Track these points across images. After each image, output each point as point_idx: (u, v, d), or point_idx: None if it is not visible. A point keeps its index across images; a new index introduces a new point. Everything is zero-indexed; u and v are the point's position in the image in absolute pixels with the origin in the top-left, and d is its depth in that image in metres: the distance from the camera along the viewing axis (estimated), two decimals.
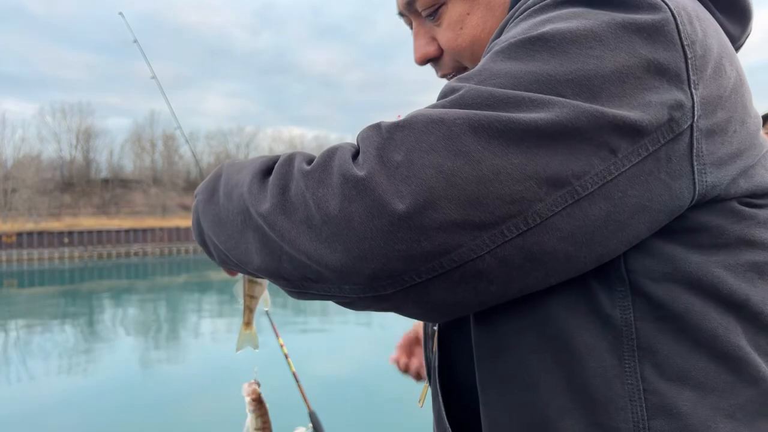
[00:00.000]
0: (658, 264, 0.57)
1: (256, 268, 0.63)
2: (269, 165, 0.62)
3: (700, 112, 0.55)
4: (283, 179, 0.58)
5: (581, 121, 0.51)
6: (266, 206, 0.58)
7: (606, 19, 0.55)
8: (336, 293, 0.57)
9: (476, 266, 0.52)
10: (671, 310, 0.57)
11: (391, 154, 0.52)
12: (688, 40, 0.55)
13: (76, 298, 23.47)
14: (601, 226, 0.53)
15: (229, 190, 0.66)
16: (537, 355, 0.59)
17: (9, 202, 49.09)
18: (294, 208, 0.55)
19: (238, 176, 0.65)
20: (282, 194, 0.57)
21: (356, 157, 0.55)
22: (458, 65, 0.83)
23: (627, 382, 0.56)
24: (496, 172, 0.50)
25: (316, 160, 0.57)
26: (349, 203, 0.51)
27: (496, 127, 0.51)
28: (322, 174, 0.55)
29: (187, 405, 9.22)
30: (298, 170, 0.57)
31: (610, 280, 0.57)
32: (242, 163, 0.68)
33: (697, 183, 0.55)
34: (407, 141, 0.52)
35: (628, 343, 0.56)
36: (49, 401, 9.45)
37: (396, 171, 0.51)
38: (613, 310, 0.57)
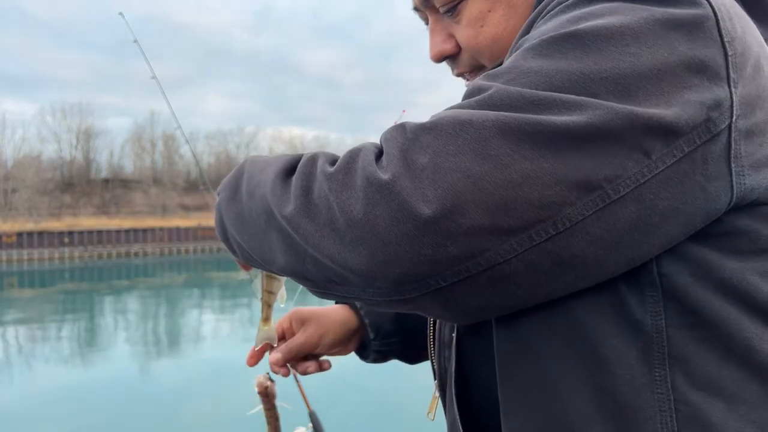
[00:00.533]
0: (691, 269, 0.55)
1: (280, 268, 0.62)
2: (292, 164, 0.61)
3: (739, 112, 0.53)
4: (305, 180, 0.57)
5: (615, 124, 0.49)
6: (290, 208, 0.57)
7: (644, 14, 0.53)
8: (360, 295, 0.56)
9: (503, 270, 0.51)
10: (704, 317, 0.55)
11: (416, 156, 0.51)
12: (728, 37, 0.53)
13: (77, 298, 23.48)
14: (631, 230, 0.51)
15: (252, 189, 0.65)
16: (563, 361, 0.57)
17: (9, 202, 49.12)
18: (318, 210, 0.54)
19: (261, 175, 0.64)
20: (305, 196, 0.56)
21: (380, 158, 0.54)
22: (476, 63, 0.81)
23: (657, 392, 0.54)
24: (526, 176, 0.49)
25: (339, 162, 0.56)
26: (373, 207, 0.51)
27: (526, 130, 0.49)
28: (345, 176, 0.54)
29: (187, 404, 9.22)
30: (321, 172, 0.56)
31: (641, 285, 0.55)
32: (265, 161, 0.67)
33: (735, 186, 0.53)
34: (433, 143, 0.51)
35: (659, 351, 0.54)
36: (49, 401, 9.45)
37: (421, 174, 0.50)
38: (644, 315, 0.55)
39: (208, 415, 8.62)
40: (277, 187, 0.60)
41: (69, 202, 55.43)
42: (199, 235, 44.03)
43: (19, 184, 50.47)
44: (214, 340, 14.58)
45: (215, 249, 42.62)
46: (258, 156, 0.73)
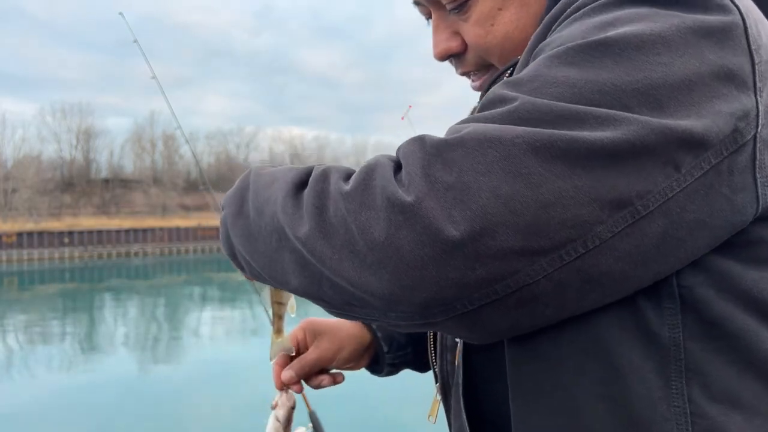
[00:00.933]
0: (713, 280, 0.54)
1: (293, 288, 0.60)
2: (302, 179, 0.59)
3: (764, 121, 0.52)
4: (319, 198, 0.54)
5: (650, 139, 0.48)
6: (304, 229, 0.54)
7: (675, 21, 0.52)
8: (381, 318, 0.55)
9: (532, 291, 0.49)
10: (724, 329, 0.54)
11: (440, 174, 0.48)
12: (755, 45, 0.52)
13: (77, 298, 23.48)
14: (659, 245, 0.50)
15: (260, 206, 0.62)
16: (578, 372, 0.56)
17: (9, 202, 49.11)
18: (334, 231, 0.52)
19: (269, 191, 0.62)
20: (319, 216, 0.53)
21: (398, 173, 0.51)
22: (483, 62, 0.78)
23: (673, 405, 0.53)
24: (558, 196, 0.47)
25: (355, 179, 0.53)
26: (396, 230, 0.48)
27: (560, 147, 0.48)
28: (363, 195, 0.51)
29: (186, 404, 9.22)
30: (335, 189, 0.54)
31: (659, 297, 0.54)
32: (271, 175, 0.64)
33: (760, 196, 0.53)
34: (460, 161, 0.48)
35: (676, 364, 0.53)
36: (49, 400, 9.45)
37: (447, 194, 0.47)
38: (662, 328, 0.54)
39: (208, 415, 8.62)
40: (289, 206, 0.57)
41: (69, 202, 55.42)
42: (199, 235, 44.04)
43: (19, 184, 50.48)
44: (214, 341, 14.57)
45: (215, 249, 42.59)
46: (263, 167, 0.69)
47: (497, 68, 0.77)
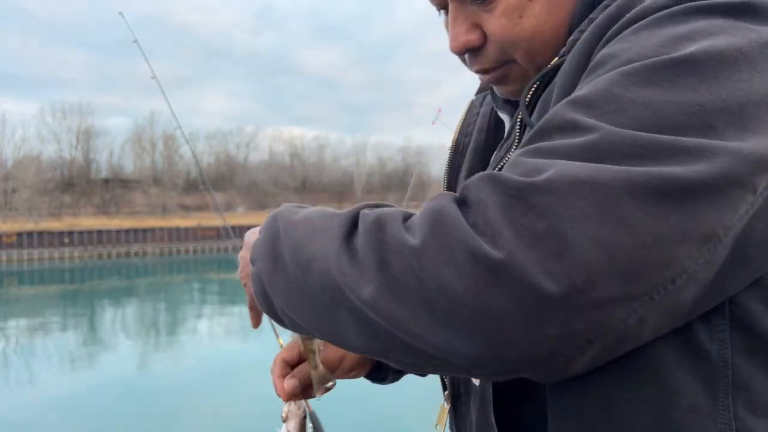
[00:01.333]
0: (762, 294, 0.53)
1: (352, 347, 0.57)
2: (349, 227, 0.55)
3: None
4: (379, 251, 0.51)
5: (740, 170, 0.47)
6: (368, 290, 0.50)
7: (753, 36, 0.51)
8: (459, 373, 0.52)
9: (619, 333, 0.48)
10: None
11: (530, 223, 0.45)
12: None
13: (77, 298, 23.48)
14: (730, 266, 0.50)
15: (305, 262, 0.57)
16: (624, 389, 0.54)
17: (9, 202, 49.08)
18: (405, 290, 0.48)
19: (313, 245, 0.57)
20: (384, 272, 0.50)
21: (468, 215, 0.48)
22: (505, 58, 0.74)
23: (720, 421, 0.52)
24: (655, 237, 0.45)
25: (423, 229, 0.49)
26: (486, 287, 0.45)
27: (655, 187, 0.45)
28: (439, 250, 0.48)
29: (187, 404, 9.21)
30: (399, 241, 0.50)
31: (710, 314, 0.53)
32: (308, 222, 0.60)
33: None
34: (552, 207, 0.45)
35: (724, 381, 0.52)
36: (49, 400, 9.44)
37: (541, 245, 0.45)
38: (711, 345, 0.53)
39: (208, 415, 8.61)
40: (345, 263, 0.53)
41: (69, 202, 55.41)
42: (199, 235, 43.98)
43: (19, 184, 50.44)
44: (214, 340, 14.57)
45: (215, 249, 42.61)
46: (290, 211, 0.65)
47: (517, 64, 0.74)
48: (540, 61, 0.73)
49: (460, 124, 0.98)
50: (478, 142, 0.92)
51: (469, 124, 0.96)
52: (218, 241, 42.10)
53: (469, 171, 0.91)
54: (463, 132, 0.96)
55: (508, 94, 0.81)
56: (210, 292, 24.28)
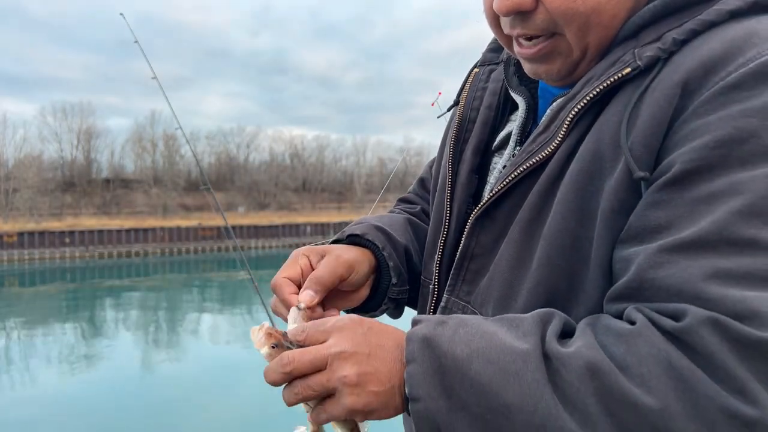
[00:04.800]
0: None
1: None
2: (543, 369, 0.56)
3: None
4: (607, 408, 0.52)
5: None
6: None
7: None
8: None
9: None
10: None
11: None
12: None
13: (78, 297, 23.47)
14: None
15: (499, 409, 0.56)
16: None
17: (10, 202, 49.06)
18: None
19: (508, 393, 0.56)
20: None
21: (707, 369, 0.49)
22: (551, 29, 0.72)
23: None
24: None
25: (658, 384, 0.50)
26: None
27: None
28: (685, 411, 0.49)
29: (187, 404, 9.21)
30: (632, 401, 0.50)
31: None
32: (488, 361, 0.58)
33: None
34: None
35: None
36: (50, 400, 9.44)
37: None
38: None
39: (208, 414, 8.61)
40: (565, 418, 0.53)
41: (70, 202, 55.41)
42: (199, 234, 43.96)
43: (20, 184, 50.42)
44: (214, 340, 14.56)
45: (215, 249, 42.59)
46: (441, 331, 0.62)
47: (565, 39, 0.72)
48: (590, 42, 0.71)
49: (464, 97, 0.97)
50: (487, 118, 0.93)
51: (474, 98, 0.96)
52: (219, 241, 42.10)
53: (477, 146, 0.92)
54: (468, 105, 0.96)
55: (546, 74, 0.78)
56: (210, 292, 24.26)
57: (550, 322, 0.61)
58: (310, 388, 0.66)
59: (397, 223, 1.05)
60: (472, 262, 0.84)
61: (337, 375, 0.64)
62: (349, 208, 67.35)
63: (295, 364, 0.66)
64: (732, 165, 0.55)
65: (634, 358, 0.51)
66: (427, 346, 0.61)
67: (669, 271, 0.55)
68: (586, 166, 0.68)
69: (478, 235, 0.83)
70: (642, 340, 0.52)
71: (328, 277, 0.84)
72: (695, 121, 0.59)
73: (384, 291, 0.97)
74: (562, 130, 0.72)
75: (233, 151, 70.40)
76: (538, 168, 0.74)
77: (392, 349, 0.65)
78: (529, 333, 0.59)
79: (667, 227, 0.58)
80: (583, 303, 0.68)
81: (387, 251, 0.96)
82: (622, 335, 0.54)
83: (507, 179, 0.77)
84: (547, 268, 0.70)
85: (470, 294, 0.84)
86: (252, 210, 60.01)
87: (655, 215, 0.60)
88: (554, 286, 0.70)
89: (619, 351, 0.52)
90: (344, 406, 0.64)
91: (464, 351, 0.59)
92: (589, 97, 0.69)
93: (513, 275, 0.75)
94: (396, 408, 0.65)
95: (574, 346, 0.56)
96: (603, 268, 0.65)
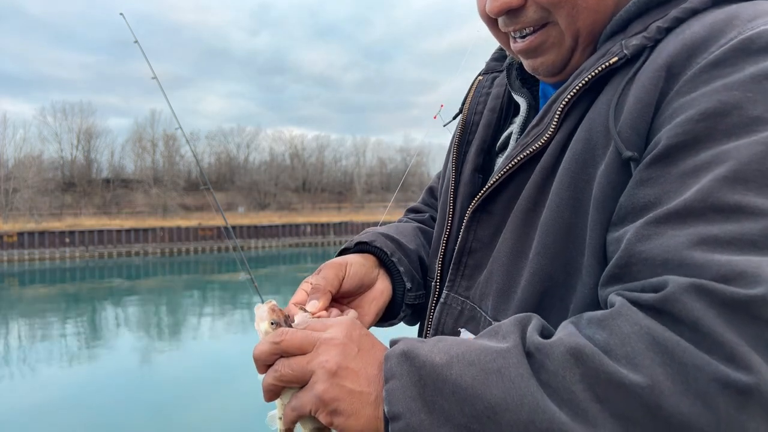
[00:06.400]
0: None
1: None
2: (526, 363, 0.53)
3: None
4: (593, 392, 0.49)
5: None
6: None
7: None
8: None
9: None
10: None
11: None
12: None
13: (78, 297, 23.47)
14: None
15: (483, 412, 0.52)
16: None
17: (10, 202, 49.06)
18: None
19: (491, 392, 0.52)
20: (610, 416, 0.48)
21: (693, 338, 0.47)
22: (545, 19, 0.75)
23: None
24: None
25: (644, 360, 0.48)
26: (738, 413, 0.45)
27: None
28: (674, 384, 0.46)
29: (187, 403, 9.21)
30: (617, 380, 0.48)
31: None
32: (468, 363, 0.56)
33: None
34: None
35: None
36: (50, 400, 9.44)
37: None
38: None
39: (208, 414, 8.61)
40: (552, 410, 0.49)
41: (70, 202, 55.43)
42: (199, 234, 43.94)
43: (20, 184, 50.42)
44: (214, 340, 14.56)
45: (216, 249, 42.59)
46: (415, 345, 0.60)
47: (557, 26, 0.75)
48: (580, 27, 0.74)
49: (468, 103, 1.01)
50: (490, 120, 0.96)
51: (478, 103, 0.99)
52: (219, 241, 42.08)
53: (480, 147, 0.94)
54: (472, 110, 0.99)
55: (542, 67, 0.80)
56: (211, 292, 24.26)
57: (530, 323, 0.60)
58: (289, 368, 0.65)
59: (405, 230, 1.06)
60: (470, 257, 0.85)
61: (319, 359, 0.63)
62: (349, 208, 67.36)
63: (286, 338, 0.66)
64: (717, 137, 0.55)
65: (616, 339, 0.50)
66: (406, 359, 0.59)
67: (655, 243, 0.54)
68: (579, 155, 0.69)
69: (475, 229, 0.84)
70: (622, 319, 0.51)
71: (324, 283, 0.84)
72: (679, 99, 0.60)
73: (400, 298, 0.97)
74: (554, 121, 0.73)
75: (233, 151, 70.56)
76: (533, 160, 0.75)
77: (380, 361, 0.63)
78: (509, 333, 0.58)
79: (656, 203, 0.57)
80: (580, 291, 0.67)
81: (396, 257, 0.97)
82: (603, 320, 0.53)
83: (502, 171, 0.79)
84: (543, 257, 0.71)
85: (469, 289, 0.84)
86: (252, 210, 60.00)
87: (643, 193, 0.59)
88: (551, 275, 0.70)
89: (602, 336, 0.51)
90: (314, 393, 0.62)
91: (443, 358, 0.57)
92: (578, 86, 0.70)
93: (511, 267, 0.76)
94: (367, 419, 0.60)
95: (555, 337, 0.55)
96: (598, 255, 0.65)
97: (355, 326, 0.68)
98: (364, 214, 58.89)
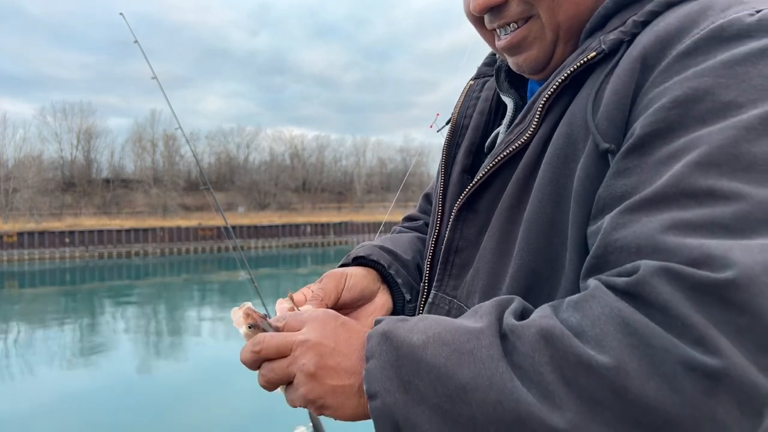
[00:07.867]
0: None
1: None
2: (498, 344, 0.54)
3: None
4: (560, 373, 0.49)
5: None
6: (563, 419, 0.48)
7: None
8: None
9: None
10: None
11: (738, 322, 0.45)
12: None
13: (77, 297, 23.47)
14: None
15: (455, 392, 0.53)
16: None
17: (10, 202, 49.07)
18: (607, 415, 0.47)
19: (463, 372, 0.53)
20: (576, 396, 0.48)
21: (662, 321, 0.47)
22: (527, 13, 0.76)
23: None
24: None
25: (611, 341, 0.48)
26: (706, 397, 0.44)
27: None
28: (640, 366, 0.46)
29: (187, 404, 9.21)
30: (586, 361, 0.48)
31: None
32: (442, 343, 0.56)
33: None
34: (755, 303, 0.44)
35: None
36: (50, 400, 9.45)
37: (754, 342, 0.44)
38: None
39: (208, 414, 8.61)
40: (519, 389, 0.50)
41: (70, 202, 55.45)
42: (199, 234, 43.96)
43: (20, 184, 50.42)
44: (215, 340, 14.56)
45: (216, 249, 42.61)
46: (396, 324, 0.61)
47: (539, 20, 0.76)
48: (561, 20, 0.75)
49: (459, 106, 1.03)
50: (479, 122, 0.98)
51: (468, 107, 1.01)
52: (219, 241, 42.09)
53: (469, 148, 0.96)
54: (462, 114, 1.01)
55: (525, 63, 0.81)
56: (211, 292, 24.26)
57: (510, 305, 0.60)
58: (273, 372, 0.68)
59: (401, 241, 1.07)
60: (457, 256, 0.85)
61: (297, 363, 0.66)
62: (349, 208, 67.36)
63: (263, 346, 0.69)
64: (690, 123, 0.56)
65: (588, 321, 0.50)
66: (385, 339, 0.60)
67: (630, 230, 0.54)
68: (560, 149, 0.70)
69: (462, 228, 0.85)
70: (595, 301, 0.51)
71: (321, 293, 0.87)
72: (654, 89, 0.60)
73: (400, 310, 0.99)
74: (535, 118, 0.74)
75: (233, 151, 70.54)
76: (516, 157, 0.76)
77: (359, 347, 0.64)
78: (485, 314, 0.58)
79: (632, 193, 0.57)
80: (565, 286, 0.67)
81: (393, 268, 0.99)
82: (578, 302, 0.53)
83: (485, 169, 0.80)
84: (527, 252, 0.71)
85: (456, 288, 0.85)
86: (252, 210, 60.02)
87: (620, 183, 0.59)
88: (536, 271, 0.71)
89: (575, 318, 0.51)
90: (299, 394, 0.66)
91: (420, 338, 0.58)
92: (557, 82, 0.72)
93: (496, 264, 0.76)
94: (354, 408, 0.64)
95: (529, 319, 0.56)
96: (579, 250, 0.65)
97: (328, 320, 0.69)
98: (364, 214, 58.94)
